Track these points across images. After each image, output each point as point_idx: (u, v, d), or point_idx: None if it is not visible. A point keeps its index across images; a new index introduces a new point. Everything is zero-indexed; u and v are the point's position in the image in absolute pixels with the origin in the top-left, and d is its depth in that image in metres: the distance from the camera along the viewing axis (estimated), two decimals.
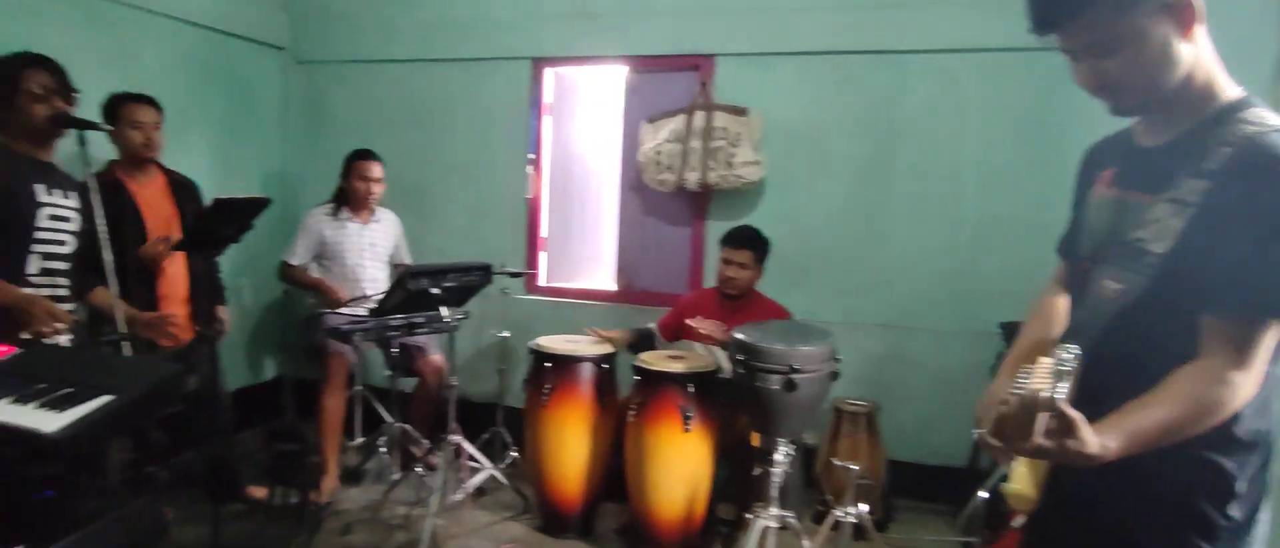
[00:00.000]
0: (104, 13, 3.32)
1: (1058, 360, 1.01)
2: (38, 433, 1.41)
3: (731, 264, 3.16)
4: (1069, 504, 1.31)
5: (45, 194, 2.38)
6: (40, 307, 2.23)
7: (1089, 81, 1.21)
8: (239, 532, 3.02)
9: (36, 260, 2.37)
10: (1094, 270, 1.29)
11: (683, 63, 3.77)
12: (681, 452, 2.85)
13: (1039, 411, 0.99)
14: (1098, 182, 1.35)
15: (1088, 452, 1.05)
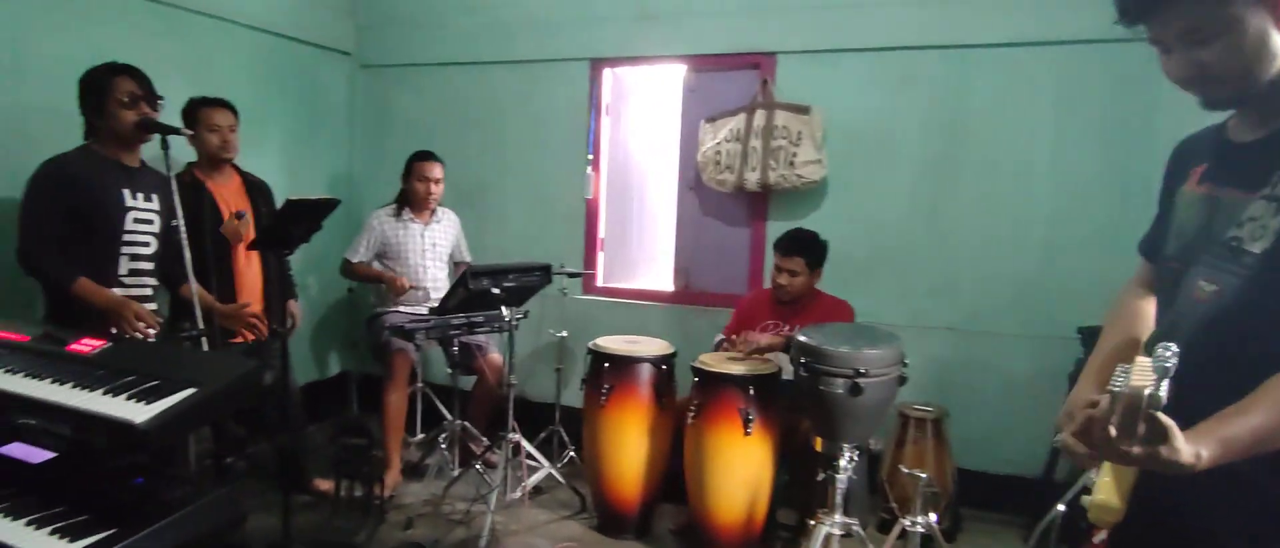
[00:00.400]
0: (183, 22, 3.45)
1: (1159, 358, 0.96)
2: (129, 423, 1.48)
3: (783, 271, 3.11)
4: (1158, 515, 1.25)
5: (130, 198, 2.50)
6: (130, 310, 2.34)
7: (1181, 73, 1.16)
8: (307, 523, 3.11)
9: (125, 262, 2.49)
10: (1184, 271, 1.23)
11: (743, 61, 3.74)
12: (742, 455, 2.82)
13: (1144, 410, 0.95)
14: (1187, 179, 1.29)
15: (1181, 460, 1.00)
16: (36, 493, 1.60)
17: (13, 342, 1.93)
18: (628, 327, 3.57)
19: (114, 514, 1.50)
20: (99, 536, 1.42)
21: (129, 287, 2.53)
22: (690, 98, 3.92)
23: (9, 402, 1.71)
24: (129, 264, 2.51)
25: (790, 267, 3.09)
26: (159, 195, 2.59)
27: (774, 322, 3.21)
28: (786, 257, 3.10)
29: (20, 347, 1.90)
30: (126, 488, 1.61)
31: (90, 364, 1.76)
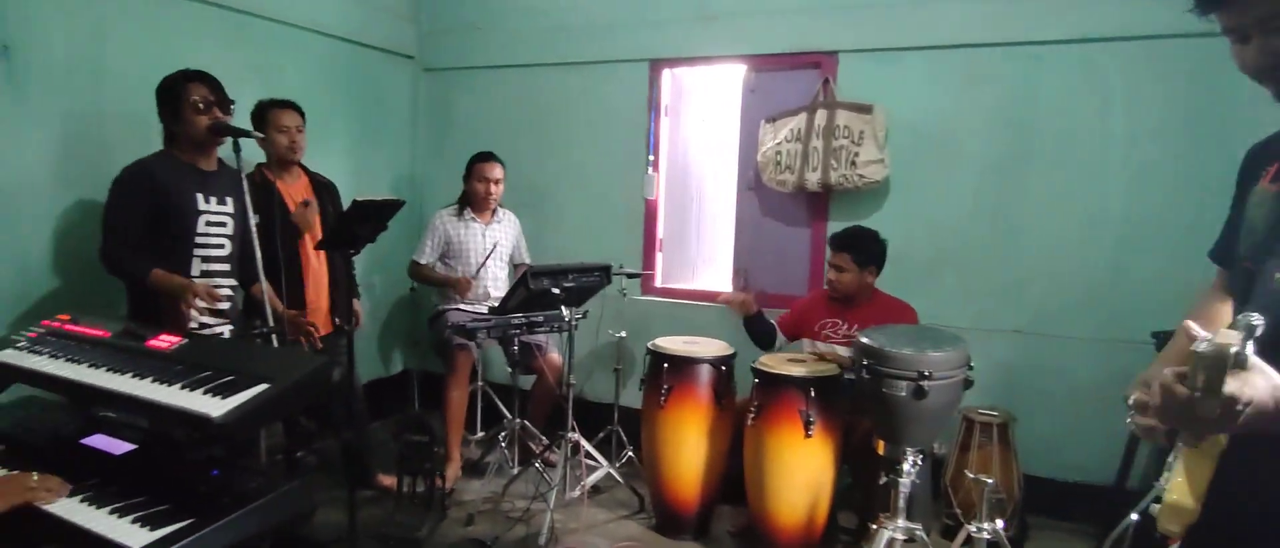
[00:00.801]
0: (254, 29, 3.57)
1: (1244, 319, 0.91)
2: (206, 417, 1.53)
3: (831, 267, 3.10)
4: (1235, 514, 1.19)
5: (203, 202, 2.60)
6: (190, 290, 2.43)
7: (1258, 62, 1.11)
8: (370, 517, 3.18)
9: (197, 263, 2.59)
10: (1258, 269, 1.17)
11: (804, 61, 3.69)
12: (802, 457, 2.78)
13: (1230, 366, 0.89)
14: (1260, 179, 1.24)
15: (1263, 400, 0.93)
16: (118, 483, 1.67)
17: (95, 337, 2.02)
18: (686, 327, 3.56)
19: (192, 505, 1.55)
20: (178, 525, 1.47)
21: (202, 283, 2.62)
22: (750, 98, 3.89)
23: (92, 395, 1.80)
24: (201, 266, 2.61)
25: (838, 262, 3.06)
26: (233, 198, 2.68)
27: (832, 321, 3.16)
28: (835, 252, 3.08)
29: (102, 342, 1.99)
30: (203, 479, 1.67)
31: (168, 360, 1.84)
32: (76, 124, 2.89)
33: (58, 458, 1.77)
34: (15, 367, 1.93)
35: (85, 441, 1.89)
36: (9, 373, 1.95)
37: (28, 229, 2.78)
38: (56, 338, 2.05)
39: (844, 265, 3.05)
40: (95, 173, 2.91)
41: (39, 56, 2.76)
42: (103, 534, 1.45)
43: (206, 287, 2.48)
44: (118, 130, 2.95)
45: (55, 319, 2.17)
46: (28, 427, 2.00)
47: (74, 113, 2.88)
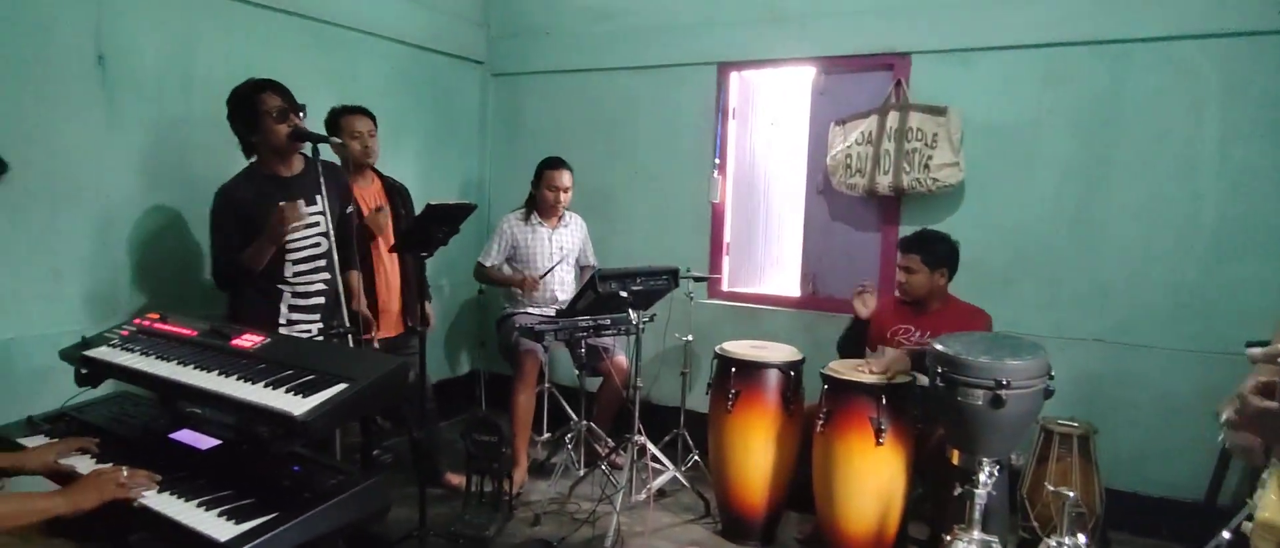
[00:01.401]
0: (330, 36, 3.68)
1: None
2: (289, 415, 1.57)
3: (900, 269, 3.03)
4: None
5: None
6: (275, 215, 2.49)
7: None
8: (439, 515, 3.23)
9: (289, 266, 2.67)
10: None
11: (875, 62, 3.61)
12: (873, 465, 2.72)
13: None
14: None
15: None
16: (205, 477, 1.73)
17: (182, 335, 2.10)
18: (753, 332, 3.52)
19: (275, 500, 1.60)
20: (262, 518, 1.52)
21: (295, 284, 2.70)
22: (819, 100, 3.82)
23: (180, 391, 1.87)
24: (293, 268, 2.69)
25: (907, 264, 2.99)
26: (321, 194, 2.72)
27: (903, 327, 3.07)
28: (904, 254, 3.01)
29: (189, 340, 2.07)
30: (285, 475, 1.72)
31: (252, 358, 1.90)
32: (163, 131, 3.02)
33: (148, 451, 1.85)
34: (109, 363, 2.02)
35: (173, 435, 1.97)
36: (103, 369, 2.04)
37: (118, 230, 2.92)
38: (147, 336, 2.14)
39: (913, 267, 2.98)
40: (180, 177, 3.05)
41: (131, 67, 2.89)
42: (191, 526, 1.51)
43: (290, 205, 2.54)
44: (202, 136, 3.07)
45: (145, 317, 2.27)
46: (120, 420, 2.10)
47: (161, 120, 3.01)
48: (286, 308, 2.69)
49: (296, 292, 2.70)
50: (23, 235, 2.61)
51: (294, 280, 2.69)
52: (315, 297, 2.73)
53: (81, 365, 2.04)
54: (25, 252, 2.63)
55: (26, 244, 2.63)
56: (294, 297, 2.70)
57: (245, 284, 2.64)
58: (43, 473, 1.77)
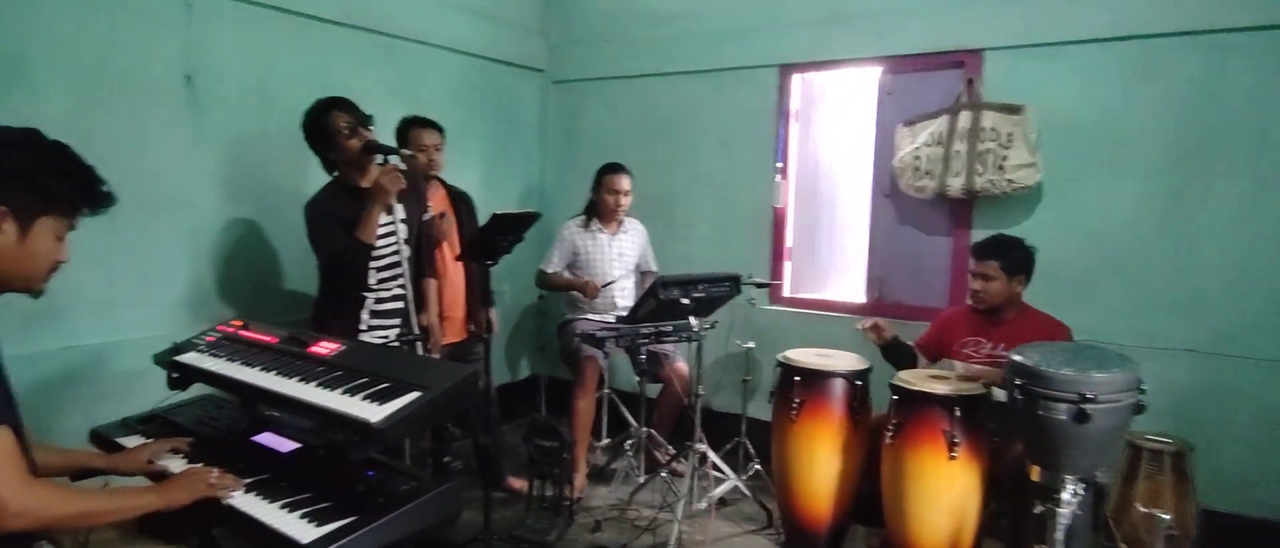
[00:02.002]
0: (396, 50, 3.76)
1: None
2: (366, 422, 1.60)
3: (976, 276, 2.91)
4: None
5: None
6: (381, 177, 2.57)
7: None
8: (502, 519, 3.26)
9: (373, 274, 2.74)
10: None
11: (945, 60, 3.51)
12: (945, 480, 2.63)
13: None
14: None
15: None
16: (285, 479, 1.78)
17: (264, 342, 2.17)
18: (816, 339, 3.46)
19: (351, 503, 1.63)
20: (341, 522, 1.55)
21: (377, 290, 2.78)
22: (886, 101, 3.74)
23: (263, 396, 1.93)
24: (377, 275, 2.76)
25: (984, 271, 2.88)
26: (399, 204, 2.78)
27: (975, 338, 2.98)
28: (980, 260, 2.90)
29: (270, 347, 2.13)
30: (361, 480, 1.75)
31: (329, 365, 1.94)
32: (244, 145, 3.12)
33: (232, 452, 1.92)
34: (197, 368, 2.10)
35: (256, 438, 2.04)
36: (192, 373, 2.12)
37: (203, 241, 3.03)
38: (231, 342, 2.22)
39: (991, 274, 2.88)
40: (259, 189, 3.15)
41: (215, 85, 3.00)
42: (276, 527, 1.55)
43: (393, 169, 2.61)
44: (279, 150, 3.17)
45: (229, 324, 2.35)
46: (206, 422, 2.18)
47: (242, 135, 3.12)
48: (367, 314, 2.77)
49: (378, 298, 2.78)
50: (118, 245, 2.73)
51: (376, 288, 2.76)
52: (394, 303, 2.80)
53: (172, 370, 2.12)
54: (119, 261, 2.76)
55: (121, 254, 2.75)
56: (375, 303, 2.78)
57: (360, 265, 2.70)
58: (139, 473, 1.85)
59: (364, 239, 2.62)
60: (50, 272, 1.52)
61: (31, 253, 1.44)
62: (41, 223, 1.44)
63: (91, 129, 2.59)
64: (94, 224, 1.57)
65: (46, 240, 1.46)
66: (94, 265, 2.65)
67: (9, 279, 1.47)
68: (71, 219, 1.51)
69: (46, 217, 1.45)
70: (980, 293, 2.91)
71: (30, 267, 1.46)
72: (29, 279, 1.48)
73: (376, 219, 2.63)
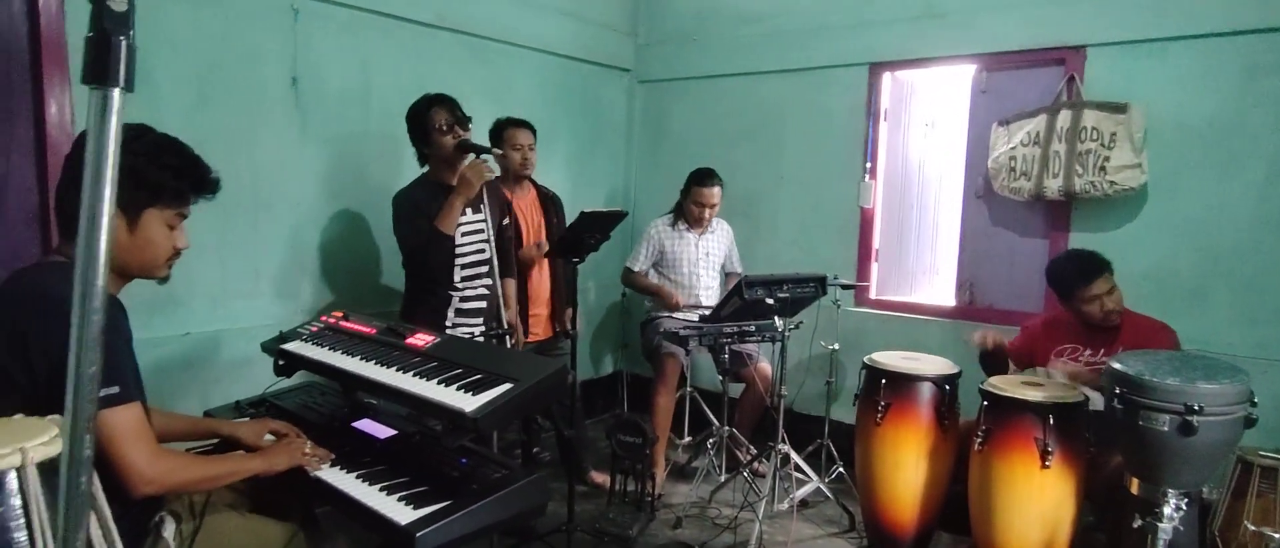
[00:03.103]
0: (489, 51, 3.87)
1: None
2: (461, 411, 1.67)
3: (1093, 299, 2.73)
4: None
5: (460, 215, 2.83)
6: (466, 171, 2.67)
7: None
8: (584, 512, 3.32)
9: (459, 270, 2.85)
10: None
11: (1044, 57, 3.39)
12: (1038, 489, 2.54)
13: None
14: None
15: None
16: (383, 463, 1.87)
17: (363, 333, 2.28)
18: (903, 342, 3.39)
19: (446, 489, 1.71)
20: (437, 505, 1.63)
21: (463, 288, 2.89)
22: (980, 100, 3.62)
23: (363, 384, 2.02)
24: (461, 273, 2.87)
25: (1108, 286, 2.72)
26: (485, 204, 2.89)
27: (1072, 346, 2.86)
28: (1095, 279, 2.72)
29: (369, 338, 2.24)
30: (454, 467, 1.83)
31: (425, 357, 2.03)
32: (344, 145, 3.28)
33: (333, 437, 2.03)
34: (301, 356, 2.22)
35: (355, 423, 2.15)
36: (297, 361, 2.25)
37: (306, 235, 3.20)
38: (333, 332, 2.34)
39: (1112, 285, 2.74)
40: (357, 187, 3.30)
41: (318, 87, 3.16)
42: (376, 509, 1.64)
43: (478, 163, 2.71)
44: (377, 149, 3.32)
45: (331, 315, 2.48)
46: (309, 407, 2.30)
47: (342, 135, 3.27)
48: (453, 312, 2.88)
49: (463, 296, 2.88)
50: (231, 240, 2.92)
51: (461, 286, 2.87)
52: (477, 301, 2.90)
53: (278, 357, 2.25)
54: (231, 254, 2.95)
55: (232, 247, 2.94)
56: (460, 301, 2.88)
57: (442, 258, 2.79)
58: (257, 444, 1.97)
59: (443, 230, 2.71)
60: (169, 259, 1.63)
61: (143, 243, 1.55)
62: (150, 214, 1.54)
63: (208, 128, 2.77)
64: (209, 219, 1.68)
65: (158, 230, 1.56)
66: (210, 258, 2.84)
67: (129, 268, 1.57)
68: (181, 208, 1.60)
69: (153, 208, 1.55)
70: (1112, 310, 2.76)
71: (146, 256, 1.56)
72: (148, 267, 1.59)
73: (457, 211, 2.72)
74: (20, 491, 1.05)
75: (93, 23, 0.78)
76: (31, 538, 1.04)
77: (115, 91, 0.79)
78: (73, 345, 0.81)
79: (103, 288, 0.82)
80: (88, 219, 0.80)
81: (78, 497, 0.84)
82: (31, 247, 2.44)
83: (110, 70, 0.78)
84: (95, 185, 0.80)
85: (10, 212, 2.40)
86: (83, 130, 1.55)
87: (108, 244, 0.81)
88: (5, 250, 2.38)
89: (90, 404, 0.82)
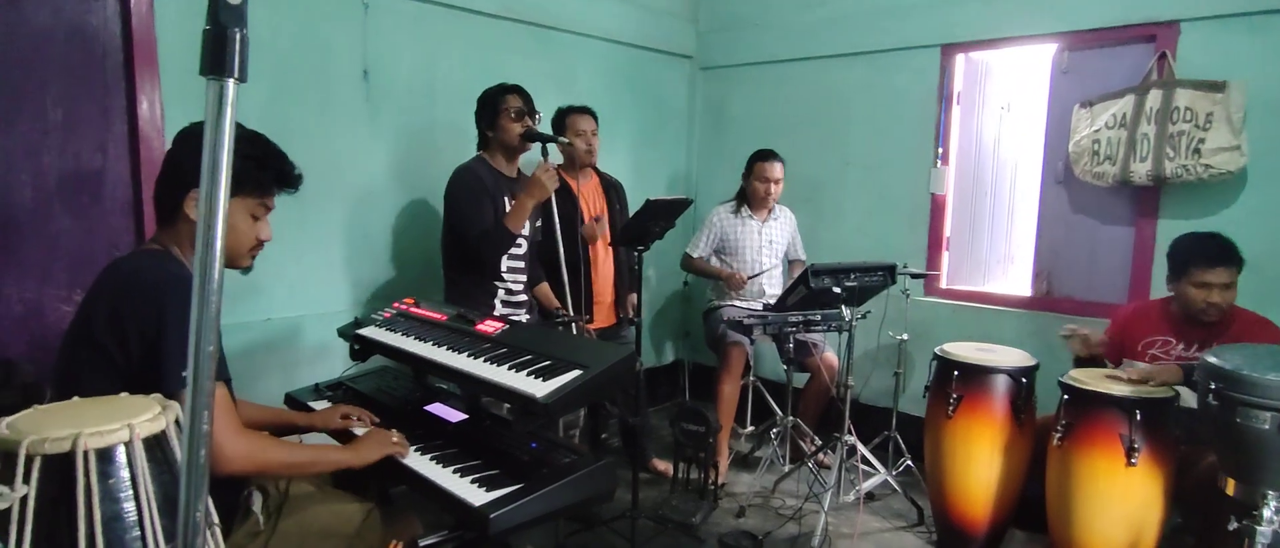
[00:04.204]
0: (552, 41, 3.89)
1: None
2: (532, 397, 1.69)
3: (1211, 287, 2.54)
4: None
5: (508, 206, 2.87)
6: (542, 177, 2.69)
7: None
8: (647, 499, 3.33)
9: (505, 259, 2.89)
10: None
11: (1133, 33, 3.22)
12: (1123, 489, 2.44)
13: None
14: None
15: None
16: (456, 446, 1.91)
17: (434, 319, 2.32)
18: (974, 333, 3.29)
19: (517, 472, 1.73)
20: (509, 488, 1.65)
21: (506, 280, 2.93)
22: (1061, 80, 3.47)
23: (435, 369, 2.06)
24: (507, 263, 2.91)
25: (1227, 279, 2.53)
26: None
27: (1163, 339, 2.72)
28: (1216, 266, 2.52)
29: (440, 324, 2.28)
30: (524, 451, 1.85)
31: (494, 343, 2.06)
32: (412, 136, 3.34)
33: (407, 420, 2.08)
34: (376, 341, 2.28)
35: (428, 407, 2.19)
36: (371, 346, 2.31)
37: (376, 225, 3.28)
38: (405, 319, 2.39)
39: (1232, 281, 2.55)
40: (424, 177, 3.36)
41: (388, 79, 3.22)
42: (451, 490, 1.67)
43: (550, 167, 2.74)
44: (443, 140, 3.37)
45: (402, 302, 2.54)
46: (384, 391, 2.36)
47: (411, 127, 3.33)
48: (500, 302, 2.91)
49: (508, 288, 2.92)
50: (308, 229, 3.01)
51: (507, 277, 2.90)
52: (522, 293, 2.95)
53: (354, 342, 2.32)
54: (309, 243, 3.03)
55: (310, 237, 3.03)
56: (505, 293, 2.92)
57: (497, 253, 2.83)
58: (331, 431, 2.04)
59: (512, 228, 2.75)
60: (252, 249, 1.69)
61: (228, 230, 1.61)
62: (234, 203, 1.60)
63: (286, 121, 2.85)
64: (288, 210, 1.73)
65: (242, 220, 1.64)
66: (288, 247, 2.93)
67: None
68: (264, 199, 1.67)
69: (238, 198, 1.61)
70: (1220, 305, 2.56)
71: (229, 243, 1.60)
72: (231, 255, 1.66)
73: (527, 212, 2.75)
74: (128, 463, 1.11)
75: (209, 16, 0.81)
76: (139, 507, 1.11)
77: (230, 82, 0.82)
78: (193, 326, 0.84)
79: (221, 271, 0.85)
80: (206, 206, 0.83)
81: (198, 469, 0.87)
82: (126, 236, 2.56)
83: (226, 62, 0.81)
84: (212, 174, 0.83)
85: (107, 203, 2.52)
86: (185, 126, 1.65)
87: (223, 229, 0.84)
88: (103, 239, 2.51)
89: (209, 382, 0.86)
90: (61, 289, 2.44)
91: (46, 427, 1.10)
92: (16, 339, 2.36)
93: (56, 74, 2.38)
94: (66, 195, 2.44)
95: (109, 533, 1.07)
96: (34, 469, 1.06)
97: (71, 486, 1.06)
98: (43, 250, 2.40)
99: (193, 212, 1.61)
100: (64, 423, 1.11)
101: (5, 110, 2.30)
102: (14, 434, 1.09)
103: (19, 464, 1.06)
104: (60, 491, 1.07)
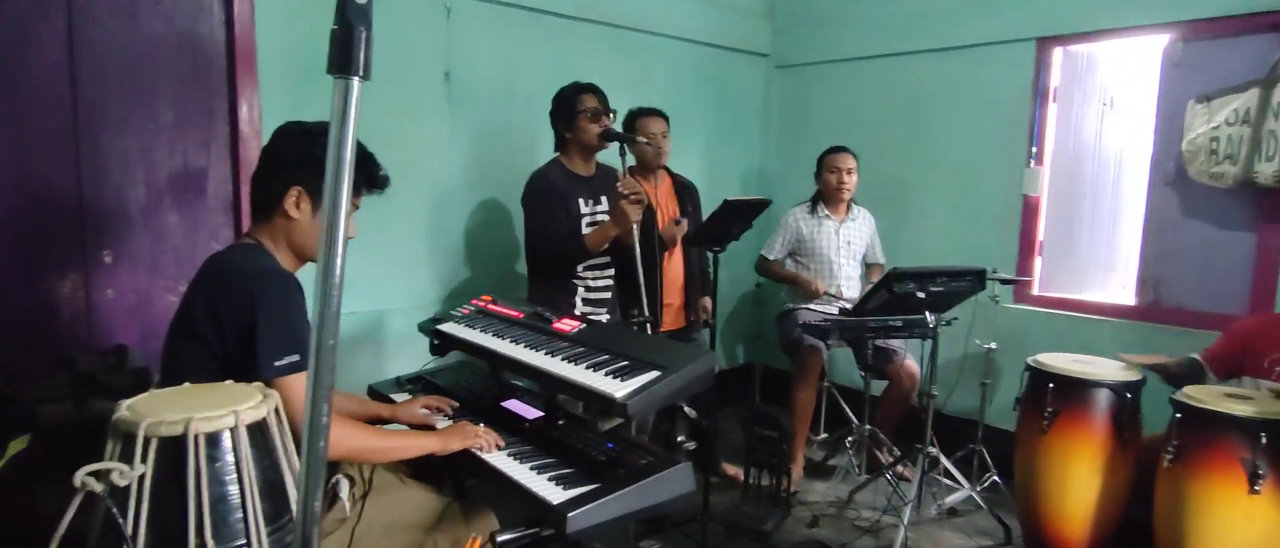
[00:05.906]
0: (628, 41, 3.86)
1: None
2: (611, 397, 1.65)
3: None
4: None
5: (584, 205, 2.86)
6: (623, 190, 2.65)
7: None
8: (718, 504, 3.26)
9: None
10: None
11: (1256, 22, 2.98)
12: (1243, 517, 2.24)
13: None
14: None
15: None
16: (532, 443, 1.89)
17: (511, 317, 2.31)
18: (1069, 343, 3.10)
19: (593, 471, 1.70)
20: (585, 488, 1.62)
21: (585, 278, 2.90)
22: (1173, 74, 3.24)
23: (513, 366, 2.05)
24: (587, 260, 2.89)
25: None
26: (608, 197, 2.90)
27: None
28: None
29: (517, 321, 2.27)
30: (601, 451, 1.81)
31: (572, 342, 2.03)
32: (490, 137, 3.36)
33: (484, 415, 2.07)
34: (455, 337, 2.28)
35: (504, 403, 2.19)
36: (451, 341, 2.32)
37: (453, 223, 3.31)
38: (483, 316, 2.39)
39: None
40: (500, 178, 3.37)
41: (468, 81, 3.25)
42: (528, 487, 1.65)
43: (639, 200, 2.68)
44: (519, 141, 3.39)
45: (480, 299, 2.54)
46: (461, 385, 2.37)
47: (489, 128, 3.35)
48: (580, 300, 2.89)
49: (588, 286, 2.89)
50: (391, 227, 3.05)
51: (585, 275, 2.88)
52: (603, 291, 2.92)
53: (434, 337, 2.33)
54: (392, 241, 3.08)
55: (393, 234, 3.08)
56: (586, 290, 2.90)
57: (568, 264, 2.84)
58: (412, 422, 2.07)
59: (590, 248, 2.75)
60: None
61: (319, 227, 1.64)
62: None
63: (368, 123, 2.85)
64: (372, 208, 1.77)
65: None
66: (374, 243, 2.97)
67: (307, 251, 1.71)
68: (355, 199, 1.71)
69: None
70: None
71: (316, 242, 1.67)
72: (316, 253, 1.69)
73: (607, 238, 2.74)
74: (233, 448, 1.17)
75: (337, 16, 0.83)
76: (242, 490, 1.16)
77: (355, 80, 0.83)
78: (314, 321, 0.86)
79: (342, 266, 0.86)
80: (330, 202, 0.85)
81: (317, 460, 0.88)
82: (225, 230, 2.69)
83: (352, 60, 0.83)
84: (336, 170, 0.84)
85: (209, 200, 2.65)
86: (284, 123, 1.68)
87: (345, 225, 0.85)
88: (204, 233, 2.65)
89: (329, 374, 0.87)
90: (169, 280, 2.57)
91: (160, 410, 1.16)
92: (129, 327, 2.50)
93: (167, 78, 2.52)
94: (175, 192, 2.57)
95: (215, 514, 1.14)
96: (150, 450, 1.13)
97: (183, 467, 1.13)
98: (152, 244, 2.54)
99: (294, 209, 1.64)
100: (176, 408, 1.17)
101: (122, 113, 2.44)
102: (133, 416, 1.15)
103: (137, 445, 1.12)
104: (174, 471, 1.13)
